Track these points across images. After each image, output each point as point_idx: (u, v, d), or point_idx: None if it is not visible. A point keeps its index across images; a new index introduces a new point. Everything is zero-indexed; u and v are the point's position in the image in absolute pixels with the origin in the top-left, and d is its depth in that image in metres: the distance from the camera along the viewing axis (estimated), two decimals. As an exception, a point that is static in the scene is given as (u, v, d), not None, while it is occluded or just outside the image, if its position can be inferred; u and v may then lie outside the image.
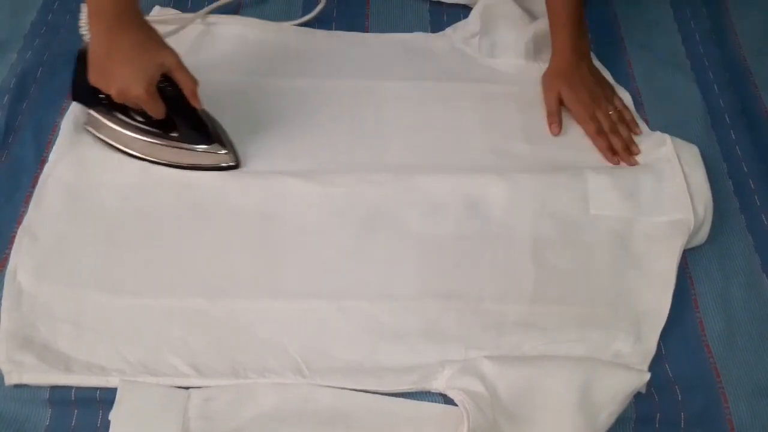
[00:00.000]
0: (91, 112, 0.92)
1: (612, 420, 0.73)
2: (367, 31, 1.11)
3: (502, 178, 0.92)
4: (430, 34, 1.12)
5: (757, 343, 0.82)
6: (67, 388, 0.74)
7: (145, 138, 0.90)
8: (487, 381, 0.74)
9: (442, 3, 1.15)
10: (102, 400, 0.74)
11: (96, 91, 0.85)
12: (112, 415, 0.72)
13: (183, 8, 1.11)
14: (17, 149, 0.94)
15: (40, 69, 1.02)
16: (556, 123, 1.00)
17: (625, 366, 0.77)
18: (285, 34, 1.09)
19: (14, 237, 0.85)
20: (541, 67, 1.07)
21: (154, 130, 0.90)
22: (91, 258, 0.84)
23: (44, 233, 0.85)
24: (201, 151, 0.90)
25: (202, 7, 1.11)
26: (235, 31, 1.09)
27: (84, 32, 0.91)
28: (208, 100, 0.99)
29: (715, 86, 1.08)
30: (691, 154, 0.94)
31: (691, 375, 0.80)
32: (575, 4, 1.00)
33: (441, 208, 0.90)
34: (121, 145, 0.91)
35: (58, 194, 0.88)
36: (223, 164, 0.91)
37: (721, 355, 0.81)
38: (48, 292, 0.81)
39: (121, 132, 0.91)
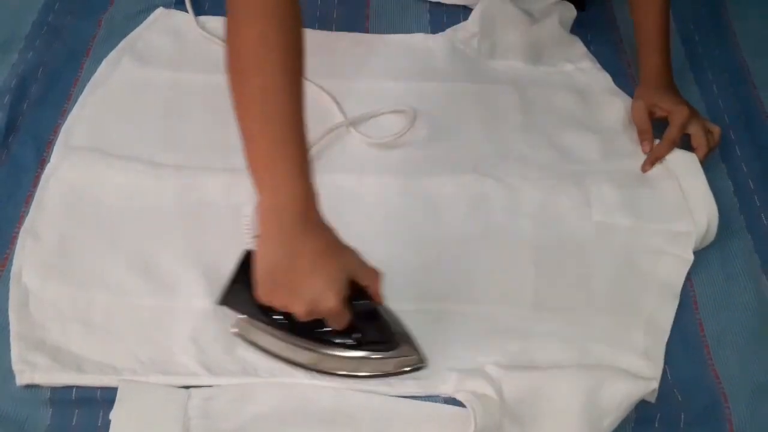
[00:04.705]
0: (243, 317, 0.78)
1: (615, 425, 0.73)
2: (367, 32, 1.11)
3: (502, 181, 0.92)
4: (430, 34, 1.12)
5: (757, 344, 0.82)
6: (68, 388, 0.74)
7: (313, 346, 0.76)
8: (495, 384, 0.74)
9: (442, 3, 1.15)
10: (103, 399, 0.74)
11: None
12: (113, 415, 0.72)
13: (184, 10, 1.11)
14: (18, 149, 0.94)
15: (41, 69, 1.02)
16: (648, 140, 0.97)
17: (633, 374, 0.77)
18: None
19: (15, 238, 0.85)
20: (542, 69, 1.07)
21: (324, 337, 0.76)
22: (97, 259, 0.83)
23: (47, 234, 0.85)
24: (383, 358, 0.77)
25: (203, 10, 1.11)
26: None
27: (250, 236, 0.73)
28: (208, 100, 1.00)
29: (715, 86, 1.08)
30: (690, 163, 0.94)
31: (691, 375, 0.80)
32: (667, 23, 1.01)
33: (441, 210, 0.90)
34: (282, 356, 0.77)
35: (60, 195, 0.88)
36: (409, 368, 0.77)
37: (720, 356, 0.81)
38: (55, 293, 0.80)
39: (283, 341, 0.77)
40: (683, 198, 0.91)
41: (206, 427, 0.72)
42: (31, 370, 0.75)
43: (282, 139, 0.69)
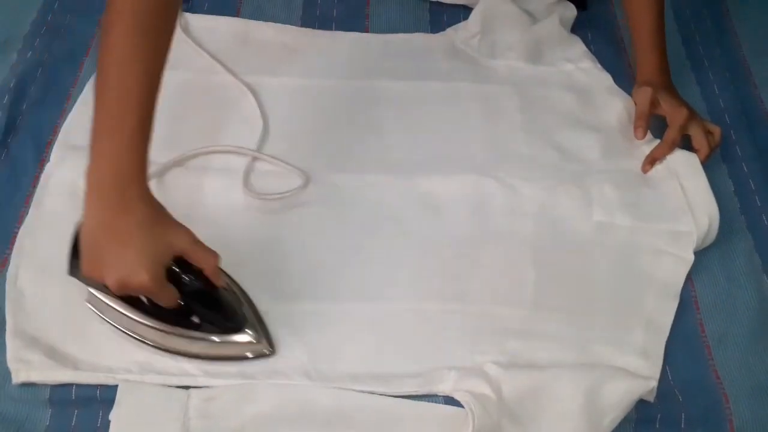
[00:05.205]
0: (92, 290, 0.77)
1: (615, 424, 0.73)
2: (367, 31, 1.11)
3: (503, 181, 0.92)
4: (430, 34, 1.12)
5: (758, 344, 0.82)
6: (67, 388, 0.74)
7: (158, 325, 0.75)
8: (493, 383, 0.74)
9: (442, 3, 1.15)
10: (102, 399, 0.74)
11: None
12: (112, 415, 0.72)
13: (183, 8, 1.10)
14: (17, 150, 0.93)
15: (40, 69, 1.02)
16: (643, 127, 0.96)
17: (632, 373, 0.77)
18: (285, 34, 1.09)
19: (14, 238, 0.85)
20: (542, 69, 1.07)
21: (169, 315, 0.74)
22: None
23: (46, 234, 0.85)
24: (228, 342, 0.76)
25: (203, 9, 1.11)
26: (234, 32, 1.09)
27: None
28: (209, 100, 0.99)
29: (715, 86, 1.08)
30: (691, 164, 0.94)
31: (692, 376, 0.80)
32: (662, 22, 1.00)
33: (441, 210, 0.90)
34: (129, 331, 0.76)
35: (59, 195, 0.88)
36: (253, 355, 0.76)
37: (721, 356, 0.81)
38: (51, 294, 0.80)
39: (129, 317, 0.76)
40: (684, 198, 0.91)
41: (206, 428, 0.72)
42: (27, 367, 0.74)
43: (121, 111, 0.70)
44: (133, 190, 0.69)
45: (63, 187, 0.89)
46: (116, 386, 0.74)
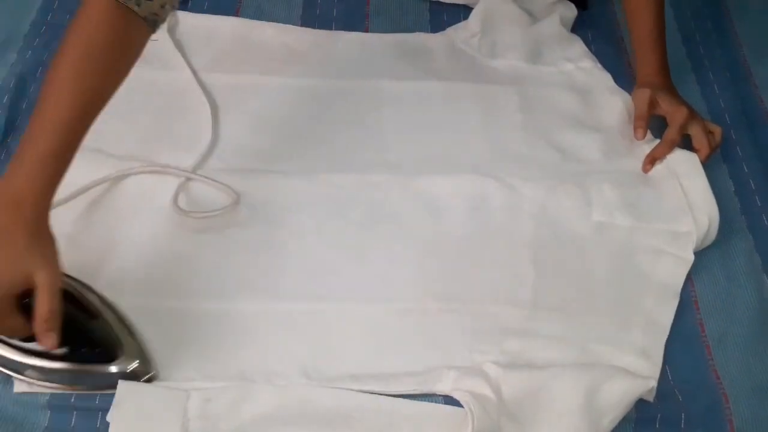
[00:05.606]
0: None
1: (614, 424, 0.73)
2: (367, 31, 1.11)
3: (503, 180, 0.92)
4: (430, 34, 1.12)
5: (758, 344, 0.82)
6: (67, 394, 0.74)
7: (21, 357, 0.70)
8: (493, 382, 0.74)
9: (442, 3, 1.15)
10: (101, 401, 0.73)
11: None
12: (112, 416, 0.71)
13: (183, 8, 1.11)
14: (17, 149, 0.93)
15: (40, 69, 1.02)
16: (643, 127, 0.96)
17: (632, 372, 0.77)
18: (285, 34, 1.09)
19: (14, 237, 0.84)
20: (542, 69, 1.07)
21: (34, 346, 0.69)
22: (94, 259, 0.83)
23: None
24: (97, 371, 0.72)
25: (203, 9, 1.11)
26: (234, 32, 1.09)
27: None
28: (207, 99, 0.99)
29: (715, 86, 1.08)
30: (691, 164, 0.94)
31: (692, 376, 0.80)
32: (662, 22, 1.01)
33: (441, 210, 0.90)
34: None
35: (59, 195, 0.88)
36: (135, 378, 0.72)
37: (721, 356, 0.81)
38: None
39: None
40: (684, 198, 0.91)
41: (205, 428, 0.72)
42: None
43: (44, 134, 0.69)
44: (28, 212, 0.67)
45: (63, 187, 0.88)
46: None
